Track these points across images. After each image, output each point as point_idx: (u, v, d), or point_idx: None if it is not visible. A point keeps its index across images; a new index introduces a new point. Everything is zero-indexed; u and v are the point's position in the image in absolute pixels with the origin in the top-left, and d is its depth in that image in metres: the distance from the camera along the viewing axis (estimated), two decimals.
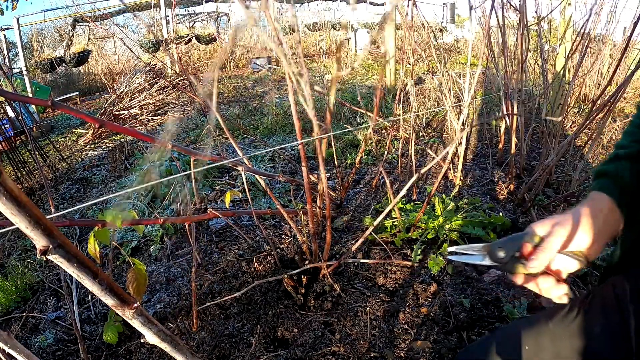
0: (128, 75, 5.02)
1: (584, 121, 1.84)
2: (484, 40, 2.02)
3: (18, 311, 1.59)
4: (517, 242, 0.65)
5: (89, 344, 1.36)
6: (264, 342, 1.29)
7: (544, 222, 0.66)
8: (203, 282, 1.60)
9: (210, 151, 3.32)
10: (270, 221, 2.03)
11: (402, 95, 2.44)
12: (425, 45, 2.41)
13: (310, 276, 1.49)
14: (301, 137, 1.20)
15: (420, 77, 5.68)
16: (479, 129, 3.27)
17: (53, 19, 7.07)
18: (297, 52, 0.94)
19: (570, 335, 0.70)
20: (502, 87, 2.26)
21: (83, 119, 0.94)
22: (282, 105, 4.36)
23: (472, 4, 1.93)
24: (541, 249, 0.63)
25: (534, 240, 0.64)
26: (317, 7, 10.57)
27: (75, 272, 0.43)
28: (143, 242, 1.98)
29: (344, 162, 2.80)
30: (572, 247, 0.63)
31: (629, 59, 3.65)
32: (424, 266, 1.57)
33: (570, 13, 2.89)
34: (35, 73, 6.96)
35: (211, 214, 1.27)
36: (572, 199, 2.07)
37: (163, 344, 0.56)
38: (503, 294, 1.40)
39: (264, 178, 1.53)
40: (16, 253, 2.02)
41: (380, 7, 10.93)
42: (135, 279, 1.00)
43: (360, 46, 9.62)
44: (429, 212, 1.81)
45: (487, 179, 2.38)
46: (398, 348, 1.22)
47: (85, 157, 3.67)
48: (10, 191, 0.33)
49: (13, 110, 3.86)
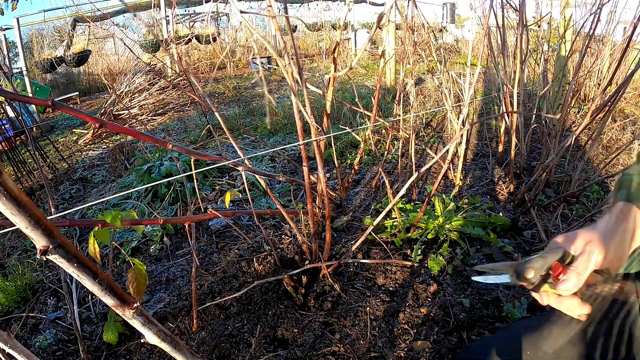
0: (128, 75, 5.01)
1: (584, 121, 1.84)
2: (483, 41, 2.02)
3: (18, 311, 1.59)
4: (547, 260, 0.61)
5: (89, 344, 1.36)
6: (264, 342, 1.29)
7: (574, 239, 0.61)
8: (203, 282, 1.60)
9: (211, 151, 3.32)
10: (270, 221, 2.03)
11: (402, 95, 2.44)
12: (425, 45, 2.41)
13: (310, 276, 1.49)
14: (302, 137, 1.20)
15: (420, 77, 5.69)
16: (479, 129, 3.27)
17: (53, 19, 7.07)
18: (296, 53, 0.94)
19: (571, 342, 0.69)
20: (502, 87, 2.26)
21: (83, 119, 0.94)
22: (282, 105, 4.36)
23: (472, 4, 1.93)
24: (574, 270, 0.59)
25: (564, 258, 0.60)
26: (317, 7, 10.56)
27: (75, 272, 0.43)
28: (143, 242, 1.98)
29: (344, 162, 2.80)
30: (602, 266, 0.60)
31: (629, 59, 3.65)
32: (424, 266, 1.57)
33: (570, 13, 2.89)
34: (35, 73, 6.96)
35: (211, 214, 1.27)
36: (572, 199, 2.07)
37: (163, 344, 0.56)
38: (503, 294, 1.40)
39: (264, 178, 1.53)
40: (16, 253, 2.02)
41: (380, 7, 10.93)
42: (135, 279, 1.00)
43: (360, 46, 9.62)
44: (429, 212, 1.81)
45: (487, 179, 2.38)
46: (398, 348, 1.22)
47: (85, 157, 3.67)
48: (11, 191, 0.33)
49: (13, 110, 3.86)
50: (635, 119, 3.48)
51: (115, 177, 2.98)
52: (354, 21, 10.49)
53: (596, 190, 2.12)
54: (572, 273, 0.58)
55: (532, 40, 2.72)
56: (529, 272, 0.60)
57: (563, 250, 0.60)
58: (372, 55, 8.81)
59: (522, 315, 1.29)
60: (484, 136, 3.06)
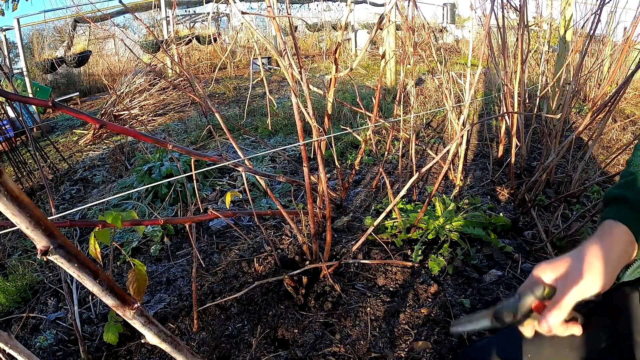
0: (128, 75, 5.02)
1: (585, 121, 1.84)
2: (484, 41, 2.02)
3: (18, 312, 1.59)
4: (524, 301, 0.59)
5: (90, 344, 1.36)
6: (264, 342, 1.29)
7: (552, 267, 0.58)
8: (203, 282, 1.60)
9: (211, 152, 3.32)
10: (271, 222, 2.03)
11: (403, 95, 2.44)
12: (425, 45, 2.41)
13: (310, 277, 1.49)
14: (303, 137, 1.20)
15: (420, 78, 5.69)
16: (480, 129, 3.27)
17: (53, 20, 7.08)
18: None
19: (572, 347, 0.69)
20: (502, 88, 2.26)
21: (83, 120, 0.94)
22: (282, 105, 4.36)
23: (473, 5, 1.93)
24: (555, 307, 0.56)
25: (544, 294, 0.58)
26: (317, 7, 10.58)
27: (76, 273, 0.43)
28: (143, 243, 1.98)
29: (344, 162, 2.80)
30: (587, 295, 0.57)
31: (629, 59, 3.65)
32: (425, 266, 1.57)
33: (570, 13, 2.89)
34: (36, 73, 6.97)
35: (211, 214, 1.27)
36: (573, 199, 2.07)
37: (163, 344, 0.56)
38: (504, 295, 1.40)
39: (264, 178, 1.53)
40: (17, 253, 2.02)
41: (380, 8, 10.94)
42: (136, 280, 1.00)
43: (361, 47, 9.63)
44: (430, 212, 1.81)
45: (488, 179, 2.38)
46: (399, 348, 1.22)
47: (86, 157, 3.67)
48: (11, 192, 0.33)
49: (13, 111, 3.86)
50: (636, 119, 3.48)
51: (115, 178, 2.98)
52: (354, 22, 10.50)
53: (597, 191, 2.12)
54: (553, 311, 0.56)
55: (533, 40, 2.71)
56: (508, 317, 0.60)
57: (542, 287, 0.58)
58: (373, 55, 8.81)
59: None
60: (484, 136, 3.06)
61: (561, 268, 0.58)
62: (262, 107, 4.69)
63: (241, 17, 1.08)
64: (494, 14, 2.11)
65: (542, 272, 0.60)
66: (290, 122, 3.78)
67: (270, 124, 3.87)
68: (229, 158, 1.27)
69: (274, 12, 1.08)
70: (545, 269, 0.60)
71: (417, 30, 2.19)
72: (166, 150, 2.62)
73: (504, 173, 2.42)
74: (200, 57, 9.19)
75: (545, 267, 0.60)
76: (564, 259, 0.59)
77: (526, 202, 1.97)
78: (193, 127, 4.18)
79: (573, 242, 1.68)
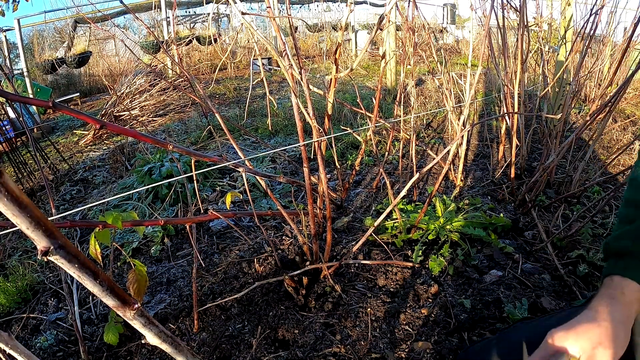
0: (129, 76, 5.02)
1: (585, 121, 1.84)
2: (484, 41, 2.02)
3: (19, 312, 1.59)
4: None
5: (90, 344, 1.36)
6: (264, 343, 1.29)
7: (574, 336, 0.56)
8: (204, 283, 1.60)
9: (211, 152, 3.32)
10: (271, 222, 2.03)
11: (403, 96, 2.44)
12: (425, 46, 2.41)
13: (311, 277, 1.49)
14: (303, 138, 1.20)
15: (420, 78, 5.69)
16: (480, 129, 3.27)
17: (54, 20, 7.09)
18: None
19: None
20: (503, 88, 2.26)
21: (84, 120, 0.94)
22: (282, 106, 4.36)
23: (473, 5, 1.94)
24: None
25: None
26: (317, 8, 10.58)
27: (76, 273, 0.43)
28: (144, 243, 1.98)
29: (344, 163, 2.80)
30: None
31: (629, 59, 3.65)
32: (425, 267, 1.57)
33: (570, 13, 2.89)
34: (36, 74, 6.97)
35: (212, 215, 1.27)
36: (573, 200, 2.07)
37: (164, 345, 0.56)
38: (504, 295, 1.40)
39: (264, 179, 1.53)
40: (17, 254, 2.02)
41: (380, 8, 10.95)
42: (136, 280, 1.00)
43: (361, 47, 9.63)
44: (430, 213, 1.81)
45: (488, 179, 2.38)
46: (399, 349, 1.22)
47: (86, 158, 3.67)
48: (12, 192, 0.33)
49: (14, 111, 3.87)
50: (636, 120, 3.48)
51: (116, 178, 2.98)
52: (354, 22, 10.51)
53: (597, 191, 2.12)
54: None
55: (533, 40, 2.71)
56: None
57: (565, 357, 0.56)
58: (373, 56, 8.82)
59: (523, 316, 1.28)
60: (484, 137, 3.06)
61: (583, 337, 0.56)
62: (263, 107, 4.69)
63: (241, 18, 1.08)
64: (494, 14, 2.11)
65: (562, 341, 0.58)
66: (291, 123, 3.78)
67: (271, 124, 3.88)
68: (229, 158, 1.27)
69: (274, 13, 1.08)
70: (565, 338, 0.57)
71: (417, 31, 2.19)
72: (166, 151, 2.62)
73: (504, 173, 2.42)
74: (200, 57, 9.20)
75: (566, 336, 0.57)
76: (582, 325, 0.57)
77: (526, 203, 1.97)
78: (193, 127, 4.19)
79: (573, 242, 1.68)
